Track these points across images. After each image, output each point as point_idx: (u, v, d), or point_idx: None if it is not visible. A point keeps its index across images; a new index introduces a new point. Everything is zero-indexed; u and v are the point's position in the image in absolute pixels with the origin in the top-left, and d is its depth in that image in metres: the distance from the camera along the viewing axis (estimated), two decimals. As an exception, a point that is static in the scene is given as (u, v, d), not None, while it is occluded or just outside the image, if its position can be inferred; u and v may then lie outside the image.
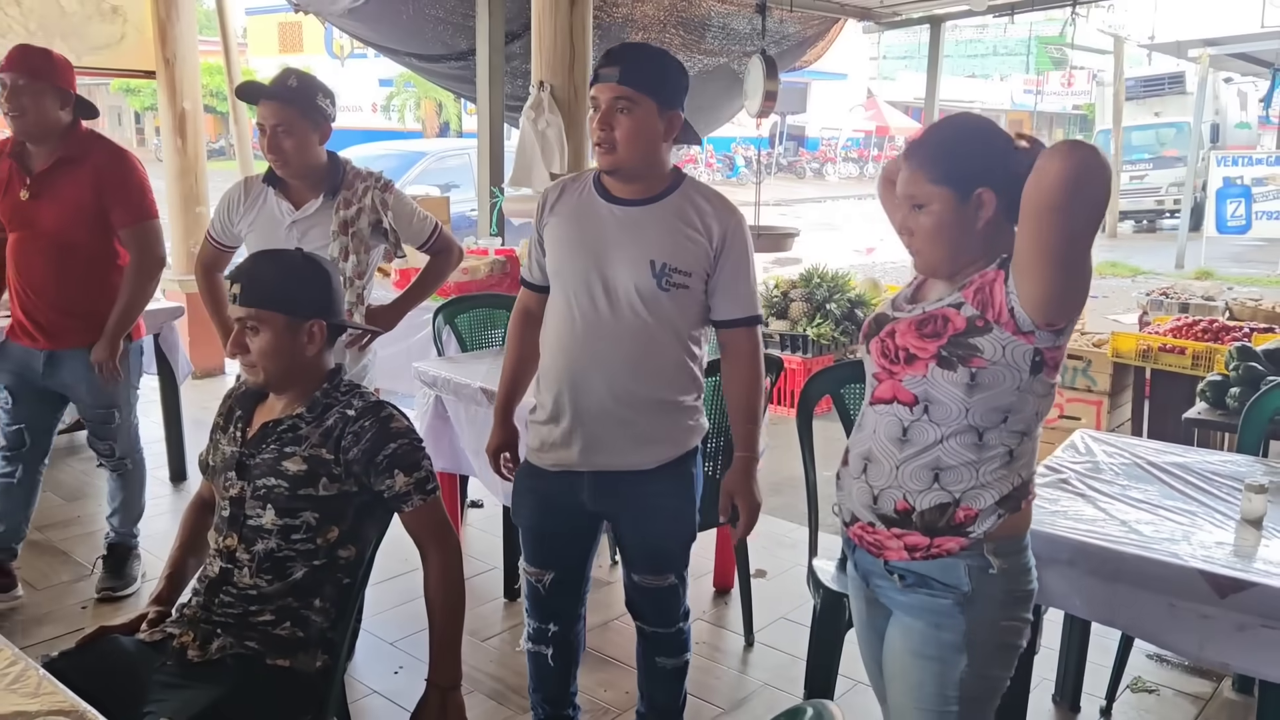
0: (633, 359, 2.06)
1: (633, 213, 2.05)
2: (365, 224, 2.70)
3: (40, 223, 2.90)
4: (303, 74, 2.63)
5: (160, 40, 5.48)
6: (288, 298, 1.87)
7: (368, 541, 1.93)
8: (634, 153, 1.99)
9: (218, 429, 2.00)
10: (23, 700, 1.31)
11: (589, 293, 2.06)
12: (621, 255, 2.04)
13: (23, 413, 3.11)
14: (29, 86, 2.79)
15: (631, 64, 1.98)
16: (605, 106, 1.98)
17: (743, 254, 2.09)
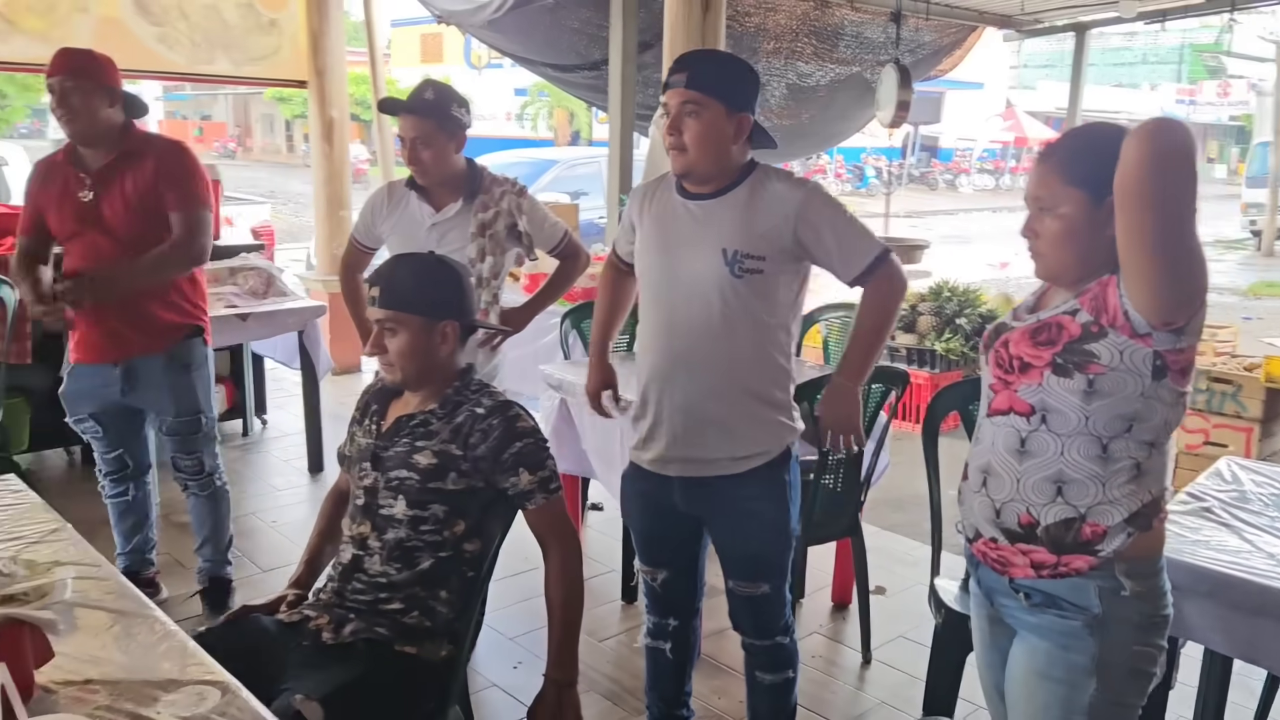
0: (713, 353, 2.08)
1: (705, 205, 2.08)
2: (502, 227, 2.79)
3: (104, 221, 2.80)
4: (439, 85, 2.73)
5: (312, 52, 5.77)
6: (424, 300, 1.94)
7: (492, 537, 1.98)
8: (703, 155, 2.02)
9: (355, 422, 2.09)
10: (174, 669, 1.40)
11: (668, 290, 2.12)
12: (695, 248, 2.07)
13: (115, 438, 3.05)
14: (77, 87, 2.74)
15: (698, 69, 2.03)
16: (674, 111, 2.02)
17: (828, 210, 2.07)
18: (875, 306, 2.11)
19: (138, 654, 1.44)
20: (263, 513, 4.07)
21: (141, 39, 5.11)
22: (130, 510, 3.15)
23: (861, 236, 2.08)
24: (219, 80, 5.62)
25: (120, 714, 1.28)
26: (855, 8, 6.34)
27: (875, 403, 2.83)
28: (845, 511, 2.93)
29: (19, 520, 1.89)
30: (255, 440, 5.04)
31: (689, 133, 2.00)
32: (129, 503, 3.14)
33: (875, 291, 2.10)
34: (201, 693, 1.34)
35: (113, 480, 3.12)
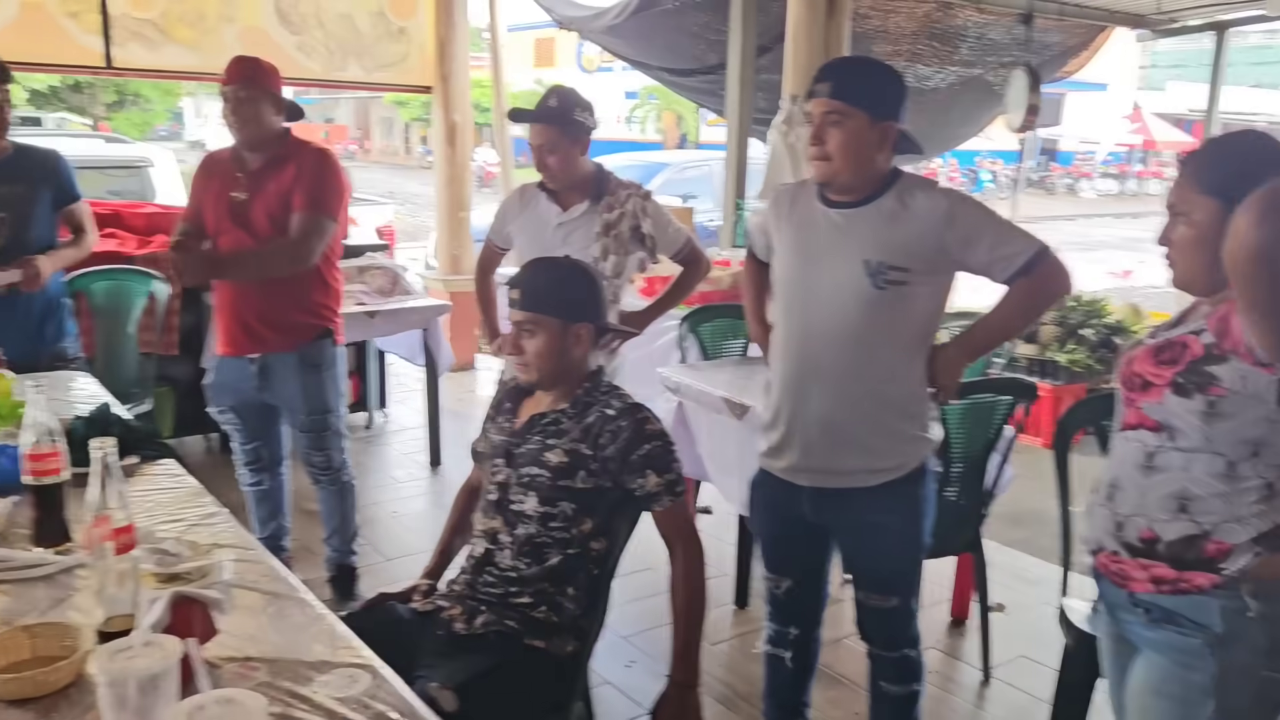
0: (849, 366, 2.06)
1: (847, 214, 2.06)
2: (626, 228, 2.84)
3: (253, 221, 2.91)
4: (563, 91, 2.80)
5: (438, 58, 5.95)
6: (561, 302, 1.99)
7: (618, 536, 2.02)
8: (846, 164, 2.02)
9: (489, 419, 2.16)
10: (326, 651, 1.47)
11: (806, 299, 2.10)
12: (835, 257, 2.06)
13: (252, 431, 3.18)
14: (250, 97, 2.86)
15: (841, 77, 2.03)
16: (818, 121, 2.02)
17: (976, 214, 2.03)
18: (1022, 298, 2.05)
19: (291, 635, 1.51)
20: (384, 503, 4.22)
21: (282, 47, 5.35)
22: (266, 498, 3.29)
23: (1015, 236, 2.03)
24: (351, 86, 5.85)
25: (279, 691, 1.35)
26: (980, 9, 6.20)
27: (1001, 414, 2.77)
28: (967, 525, 2.88)
29: (180, 503, 2.01)
30: (377, 433, 5.22)
31: (832, 142, 2.00)
32: (264, 491, 3.29)
33: (1029, 285, 2.02)
34: (353, 675, 1.41)
35: (250, 470, 3.27)
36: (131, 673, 1.16)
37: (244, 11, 5.31)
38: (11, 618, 1.54)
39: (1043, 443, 5.42)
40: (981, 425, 2.76)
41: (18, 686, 1.31)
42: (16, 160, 3.17)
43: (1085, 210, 24.17)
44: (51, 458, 1.73)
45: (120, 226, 4.64)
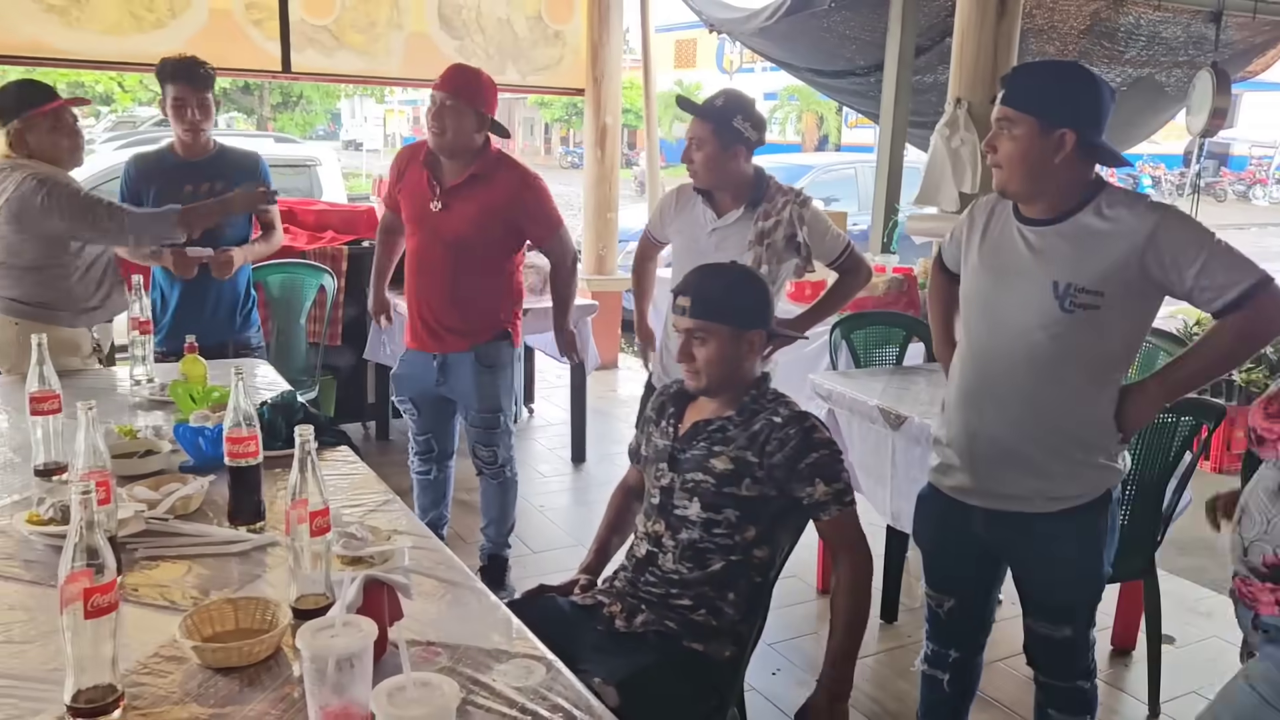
0: (1031, 390, 1.98)
1: (1040, 232, 1.97)
2: (780, 236, 2.82)
3: (444, 233, 3.03)
4: (733, 95, 2.80)
5: (591, 60, 6.04)
6: (733, 310, 1.99)
7: (780, 545, 2.01)
8: (1014, 174, 1.93)
9: (649, 422, 2.17)
10: (503, 640, 1.51)
11: (989, 317, 2.04)
12: (1024, 277, 1.97)
13: (427, 423, 3.31)
14: (455, 107, 2.91)
15: (1015, 81, 1.96)
16: (994, 128, 1.96)
17: (1186, 233, 1.87)
18: (1233, 337, 1.89)
19: (469, 622, 1.56)
20: (530, 497, 4.31)
21: (443, 51, 5.54)
22: (430, 487, 3.43)
23: (1231, 262, 1.85)
24: (508, 89, 5.98)
25: (460, 677, 1.39)
26: (1158, 6, 5.88)
27: (1184, 436, 2.62)
28: (1140, 551, 2.73)
29: (358, 489, 2.10)
30: (523, 428, 5.34)
31: (1001, 150, 1.93)
32: (430, 481, 3.42)
33: (1241, 321, 1.86)
34: (529, 666, 1.44)
35: (420, 458, 3.41)
36: (332, 650, 1.22)
37: (411, 18, 5.52)
38: (210, 590, 1.64)
39: (1211, 467, 5.10)
40: (1161, 447, 2.62)
41: (224, 655, 1.39)
42: (219, 159, 3.41)
43: (1260, 219, 22.62)
44: (249, 441, 1.84)
45: (293, 223, 4.89)
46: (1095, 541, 2.05)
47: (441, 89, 2.93)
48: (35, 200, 2.82)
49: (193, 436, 2.18)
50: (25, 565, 1.70)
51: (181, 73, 3.27)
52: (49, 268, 2.85)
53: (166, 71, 3.29)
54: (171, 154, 3.38)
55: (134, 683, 1.35)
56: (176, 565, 1.73)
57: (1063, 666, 2.15)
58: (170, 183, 3.32)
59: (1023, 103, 1.91)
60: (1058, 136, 1.90)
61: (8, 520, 1.85)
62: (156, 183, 3.33)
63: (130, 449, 2.16)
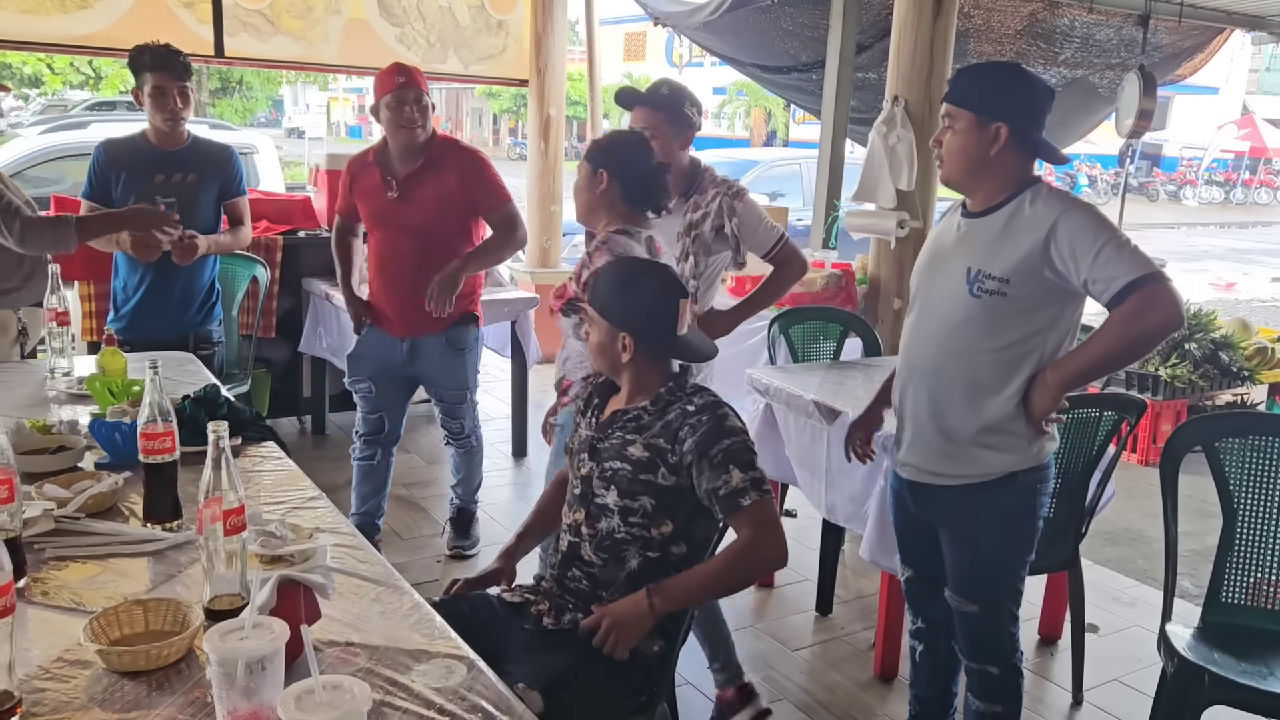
0: (940, 370, 2.10)
1: (971, 222, 2.08)
2: (708, 228, 2.80)
3: (407, 221, 3.15)
4: (675, 84, 2.81)
5: (535, 51, 6.00)
6: (603, 305, 2.01)
7: (698, 541, 1.99)
8: (954, 167, 2.07)
9: (579, 413, 2.16)
10: (424, 640, 1.49)
11: (919, 299, 2.17)
12: (948, 263, 2.09)
13: (382, 401, 3.40)
14: (427, 104, 3.12)
15: (957, 79, 2.09)
16: (940, 124, 2.09)
17: (1085, 226, 1.91)
18: (1118, 328, 1.92)
19: (390, 622, 1.54)
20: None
21: (383, 39, 5.46)
22: (373, 474, 3.47)
23: (1122, 256, 1.88)
24: (449, 78, 5.92)
25: (379, 678, 1.37)
26: (1090, 9, 5.99)
27: (1106, 431, 2.67)
28: (1064, 542, 2.79)
29: (281, 485, 2.06)
30: (462, 421, 5.28)
31: (945, 144, 2.06)
32: (373, 467, 3.47)
33: (1125, 313, 1.90)
34: (450, 666, 1.42)
35: (366, 442, 3.46)
36: (241, 653, 1.19)
37: (349, 4, 5.42)
38: (121, 591, 1.59)
39: (1138, 459, 5.23)
40: (1084, 441, 2.67)
41: (131, 659, 1.35)
42: (192, 150, 3.39)
43: (1189, 218, 23.27)
44: (165, 437, 1.79)
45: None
46: (996, 521, 2.11)
47: (413, 87, 3.10)
48: None
49: (109, 432, 2.12)
50: (-75, 566, 1.63)
51: (161, 61, 3.25)
52: None
53: (145, 60, 3.26)
54: (145, 141, 3.35)
55: (34, 689, 1.30)
56: (87, 566, 1.67)
57: (973, 647, 2.21)
58: (141, 170, 3.31)
59: (962, 99, 2.02)
60: (993, 129, 2.00)
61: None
62: (127, 168, 3.32)
63: (42, 444, 2.09)
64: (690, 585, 1.88)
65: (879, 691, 2.87)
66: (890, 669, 2.91)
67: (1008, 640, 2.18)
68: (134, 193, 3.30)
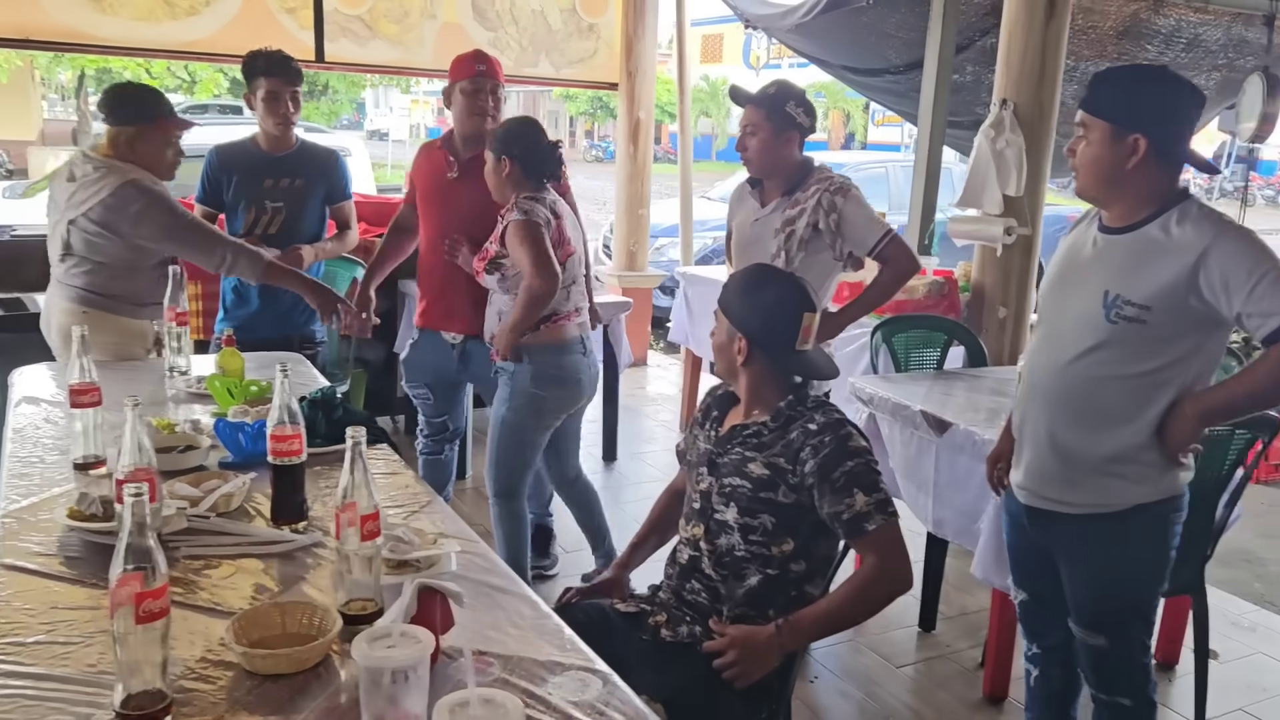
0: (1069, 394, 1.99)
1: (1109, 239, 1.96)
2: (804, 224, 2.75)
3: (460, 202, 3.13)
4: (784, 84, 2.79)
5: (626, 55, 5.99)
6: (727, 303, 2.01)
7: (818, 559, 1.94)
8: (1089, 179, 1.95)
9: (696, 424, 2.13)
10: (556, 651, 1.47)
11: (1048, 315, 2.08)
12: (1082, 284, 1.98)
13: (441, 406, 3.38)
14: (498, 93, 3.15)
15: (1093, 86, 1.96)
16: (1075, 132, 1.97)
17: (1236, 258, 1.79)
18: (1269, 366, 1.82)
19: (519, 631, 1.52)
20: (560, 495, 4.26)
21: (477, 42, 5.49)
22: (441, 467, 3.48)
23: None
24: (540, 82, 5.96)
25: (515, 690, 1.35)
26: (1199, 9, 5.77)
27: (1238, 450, 2.55)
28: (1189, 565, 2.66)
29: (399, 489, 2.07)
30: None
31: (1079, 155, 1.94)
32: (439, 461, 3.48)
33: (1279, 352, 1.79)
34: (584, 679, 1.40)
35: (432, 440, 3.46)
36: (389, 662, 1.18)
37: (444, 8, 5.48)
38: (254, 592, 1.61)
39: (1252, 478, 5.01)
40: (1214, 460, 2.55)
41: (274, 662, 1.36)
42: (299, 156, 3.45)
43: (1288, 225, 22.32)
44: (294, 439, 1.80)
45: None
46: (1122, 553, 2.01)
47: (491, 76, 3.12)
48: (130, 209, 2.78)
49: (232, 433, 2.15)
50: (67, 562, 1.67)
51: (276, 66, 3.32)
52: (122, 266, 2.82)
53: (259, 65, 3.33)
54: (255, 146, 3.43)
55: (182, 689, 1.32)
56: (219, 565, 1.70)
57: (1103, 679, 2.11)
58: (251, 174, 3.38)
59: (1097, 107, 1.91)
60: (1130, 142, 1.88)
61: (49, 515, 1.83)
62: (238, 172, 3.39)
63: (168, 443, 2.13)
64: (819, 619, 1.84)
65: (988, 713, 2.78)
66: (1000, 690, 2.82)
67: (1140, 671, 2.08)
68: (244, 197, 3.38)
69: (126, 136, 2.87)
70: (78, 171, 2.86)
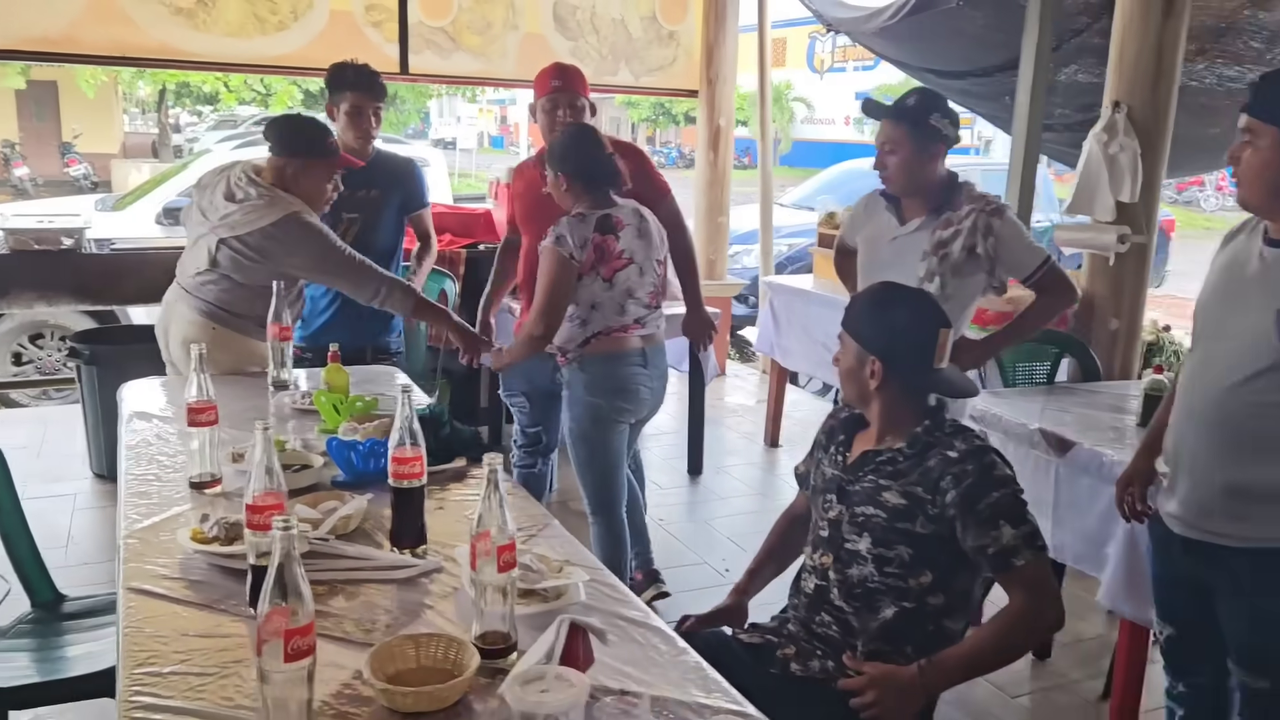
0: (1236, 420, 1.84)
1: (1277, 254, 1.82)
2: (958, 248, 2.59)
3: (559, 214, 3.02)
4: (926, 93, 2.64)
5: (706, 61, 5.92)
6: (860, 328, 1.90)
7: (957, 592, 1.84)
8: (1254, 189, 1.82)
9: (819, 446, 2.05)
10: (701, 694, 1.39)
11: (1208, 333, 1.93)
12: (1249, 301, 1.83)
13: (538, 415, 3.32)
14: (576, 104, 3.12)
15: (1261, 90, 1.82)
16: (1239, 138, 1.83)
17: None
18: None
19: (661, 670, 1.45)
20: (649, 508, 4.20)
21: (557, 52, 5.47)
22: (534, 482, 3.41)
23: None
24: (619, 90, 5.92)
25: (666, 734, 1.28)
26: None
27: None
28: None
29: (516, 511, 1.98)
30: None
31: (1243, 162, 1.80)
32: (533, 474, 3.42)
33: None
34: (737, 726, 1.33)
35: (526, 452, 3.41)
36: (545, 708, 1.13)
37: (526, 19, 5.47)
38: (370, 619, 1.56)
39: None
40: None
41: (415, 700, 1.31)
42: (375, 166, 3.40)
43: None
44: (415, 461, 1.76)
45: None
46: None
47: (567, 90, 3.12)
48: (289, 241, 2.77)
49: (344, 452, 2.12)
50: (192, 587, 1.65)
51: (362, 81, 3.32)
52: (260, 288, 2.81)
53: (346, 79, 3.32)
54: None
55: (325, 727, 1.27)
56: (343, 591, 1.66)
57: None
58: None
59: (1267, 113, 1.77)
60: None
61: (170, 536, 1.81)
62: None
63: (284, 463, 2.10)
64: (965, 659, 1.74)
65: (1114, 750, 2.64)
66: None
67: None
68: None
69: (294, 169, 2.86)
70: (239, 193, 2.82)
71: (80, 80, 18.19)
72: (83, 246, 4.33)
